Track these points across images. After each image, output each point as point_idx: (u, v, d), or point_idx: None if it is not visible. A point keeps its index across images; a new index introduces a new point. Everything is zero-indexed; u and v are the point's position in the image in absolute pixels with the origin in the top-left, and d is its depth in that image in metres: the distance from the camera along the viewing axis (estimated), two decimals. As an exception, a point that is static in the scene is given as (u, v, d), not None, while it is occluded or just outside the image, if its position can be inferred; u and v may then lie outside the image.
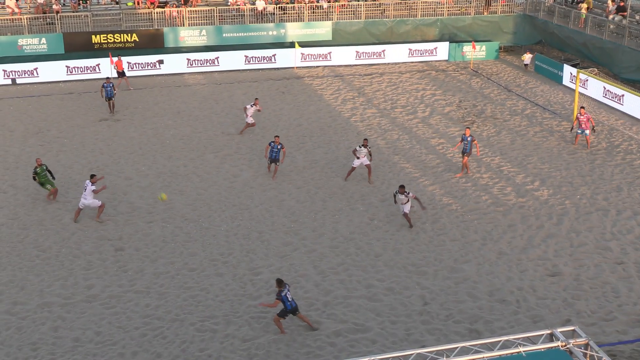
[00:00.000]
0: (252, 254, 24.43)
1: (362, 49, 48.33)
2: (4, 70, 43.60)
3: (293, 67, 46.87)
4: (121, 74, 42.44)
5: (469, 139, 29.71)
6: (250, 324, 20.59)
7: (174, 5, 48.10)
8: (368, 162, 29.39)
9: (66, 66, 44.42)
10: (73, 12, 47.24)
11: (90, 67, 44.29)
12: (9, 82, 43.66)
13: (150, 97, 41.27)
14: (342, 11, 49.55)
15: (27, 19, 45.69)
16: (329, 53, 47.69)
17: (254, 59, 46.72)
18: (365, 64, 47.92)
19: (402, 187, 25.32)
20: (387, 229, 25.95)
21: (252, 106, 34.44)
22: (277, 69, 46.68)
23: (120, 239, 25.46)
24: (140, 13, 47.70)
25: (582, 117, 32.64)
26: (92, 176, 26.63)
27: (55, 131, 35.96)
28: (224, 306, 21.46)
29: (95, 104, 39.65)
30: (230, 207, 27.71)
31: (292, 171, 30.78)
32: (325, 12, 49.56)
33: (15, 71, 43.77)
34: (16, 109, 39.44)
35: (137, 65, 45.26)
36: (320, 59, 47.57)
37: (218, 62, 46.36)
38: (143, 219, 26.86)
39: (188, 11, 47.28)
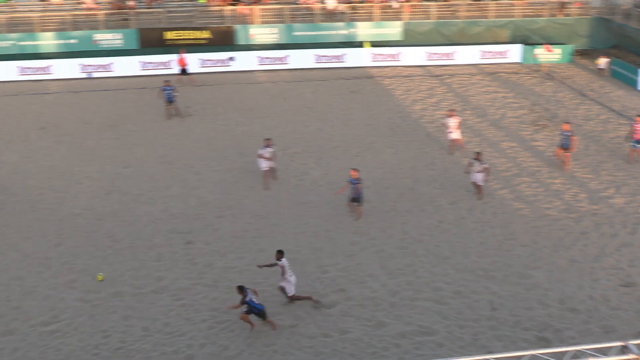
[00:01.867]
0: (319, 252, 24.51)
1: (432, 49, 48.02)
2: (81, 64, 44.67)
3: (364, 67, 46.83)
4: (183, 71, 42.94)
5: (567, 134, 29.91)
6: (317, 322, 20.66)
7: (246, 3, 48.58)
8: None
9: (140, 61, 45.28)
10: (147, 8, 48.18)
11: (163, 62, 45.02)
12: (86, 75, 44.73)
13: (222, 93, 41.76)
14: (412, 11, 49.31)
15: (103, 14, 46.76)
16: (399, 53, 47.50)
17: (324, 57, 46.85)
18: (436, 65, 47.61)
19: (478, 153, 25.34)
20: (456, 231, 25.74)
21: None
22: (347, 68, 46.69)
23: (190, 233, 25.85)
24: (213, 10, 48.34)
25: (637, 125, 31.06)
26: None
27: (130, 125, 36.70)
28: (291, 303, 21.55)
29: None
30: (299, 205, 27.85)
31: (361, 171, 30.71)
32: (395, 11, 49.40)
33: (91, 65, 44.82)
34: (92, 102, 40.39)
35: (208, 62, 45.84)
36: (390, 59, 47.41)
37: (288, 61, 46.62)
38: (213, 214, 27.21)
39: (259, 9, 47.69)
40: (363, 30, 48.22)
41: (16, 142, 34.43)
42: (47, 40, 45.71)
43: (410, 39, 48.73)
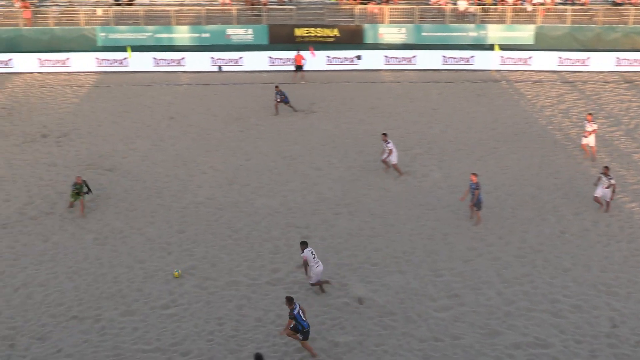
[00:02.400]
0: (434, 255, 24.23)
1: (565, 55, 46.44)
2: (212, 58, 45.94)
3: (491, 70, 45.95)
4: (299, 68, 43.28)
5: None
6: (429, 325, 20.44)
7: (376, 2, 48.60)
8: None
9: (269, 57, 46.10)
10: (279, 5, 49.01)
11: (291, 59, 45.68)
12: (216, 69, 45.96)
13: (346, 91, 41.94)
14: (546, 15, 47.95)
15: (236, 10, 47.92)
16: (530, 57, 46.25)
17: (451, 59, 46.23)
18: (568, 71, 46.02)
19: (606, 168, 24.50)
20: (579, 243, 24.84)
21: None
22: (475, 70, 45.91)
23: (307, 227, 26.10)
24: (343, 9, 48.63)
25: None
26: None
27: (255, 119, 37.44)
28: (403, 304, 21.43)
29: (292, 95, 40.79)
30: (417, 206, 27.62)
31: (483, 175, 30.18)
32: (529, 15, 48.18)
33: (221, 59, 46.01)
34: (220, 95, 41.47)
35: (335, 59, 46.14)
36: (520, 63, 46.26)
37: (415, 61, 46.30)
38: (331, 210, 27.38)
39: (389, 9, 47.60)
40: (493, 32, 47.27)
41: (147, 130, 35.77)
42: (182, 34, 47.27)
43: (542, 43, 47.38)
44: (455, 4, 48.41)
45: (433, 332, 20.19)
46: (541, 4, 48.33)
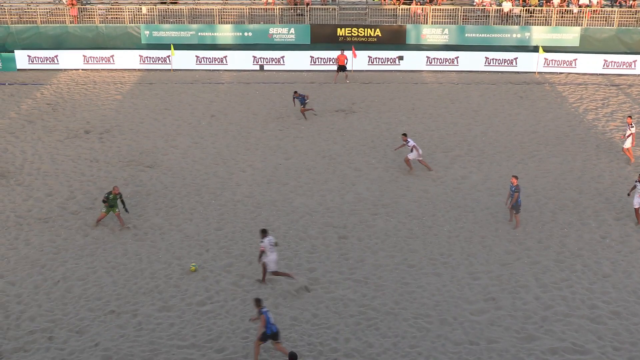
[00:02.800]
0: (472, 257, 24.05)
1: (611, 57, 45.72)
2: (254, 57, 46.15)
3: (535, 72, 45.43)
4: (342, 68, 43.15)
5: None
6: (464, 328, 20.30)
7: (420, 3, 48.38)
8: None
9: (310, 56, 46.16)
10: (322, 4, 49.07)
11: (333, 59, 45.66)
12: (258, 67, 46.17)
13: (387, 92, 41.83)
14: (592, 17, 47.27)
15: (279, 9, 48.10)
16: (575, 60, 45.62)
17: (494, 61, 45.81)
18: (613, 74, 45.31)
19: None
20: (620, 249, 24.45)
21: None
22: (518, 72, 45.45)
23: (344, 227, 26.10)
24: (386, 9, 48.50)
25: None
26: None
27: (294, 118, 37.51)
28: (439, 306, 21.32)
29: (333, 95, 40.88)
30: (455, 208, 27.44)
31: (523, 178, 29.88)
32: (574, 17, 47.55)
33: (263, 58, 46.19)
34: (261, 93, 41.65)
35: (377, 60, 46.03)
36: (565, 65, 45.66)
37: (457, 62, 45.98)
38: (368, 211, 27.33)
39: (432, 9, 47.35)
40: (538, 34, 46.75)
41: (188, 128, 36.07)
42: (225, 32, 47.56)
43: (587, 46, 46.72)
44: (499, 5, 47.98)
45: (468, 335, 20.04)
46: (587, 6, 47.66)
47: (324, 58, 45.96)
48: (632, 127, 30.95)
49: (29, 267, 23.51)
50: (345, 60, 43.16)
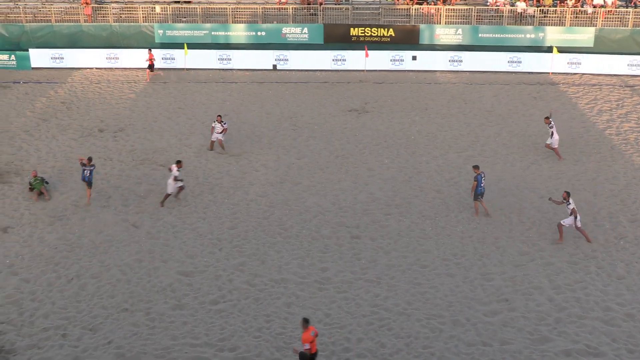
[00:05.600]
0: (485, 258, 23.99)
1: (626, 58, 45.47)
2: (267, 56, 46.15)
3: (548, 73, 45.26)
4: None
5: None
6: (477, 329, 20.25)
7: (433, 3, 48.28)
8: None
9: (324, 56, 46.10)
10: (335, 4, 49.03)
11: (345, 58, 45.59)
12: (271, 67, 46.20)
13: (400, 92, 41.77)
14: (607, 17, 47.03)
15: (292, 9, 48.10)
16: (589, 60, 45.40)
17: (508, 61, 45.66)
18: (628, 75, 45.07)
19: None
20: (635, 251, 24.32)
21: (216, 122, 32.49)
22: (532, 73, 45.28)
23: (357, 227, 26.08)
24: (399, 9, 48.42)
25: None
26: (178, 162, 27.84)
27: (307, 117, 37.53)
28: (452, 307, 21.27)
29: (346, 95, 40.83)
30: (468, 209, 27.36)
31: (536, 180, 29.80)
32: (589, 17, 47.32)
33: (277, 58, 46.19)
34: (274, 93, 41.67)
35: (390, 59, 45.95)
36: (579, 66, 45.46)
37: (471, 62, 45.85)
38: (381, 211, 27.31)
39: (446, 9, 47.25)
40: (552, 35, 46.55)
41: (201, 127, 36.10)
42: (238, 32, 47.60)
43: (601, 46, 46.48)
44: (513, 5, 47.81)
45: (481, 336, 19.99)
46: (602, 7, 47.42)
47: (338, 58, 45.91)
48: None
49: (43, 265, 23.64)
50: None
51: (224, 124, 32.42)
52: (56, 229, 26.02)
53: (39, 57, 46.51)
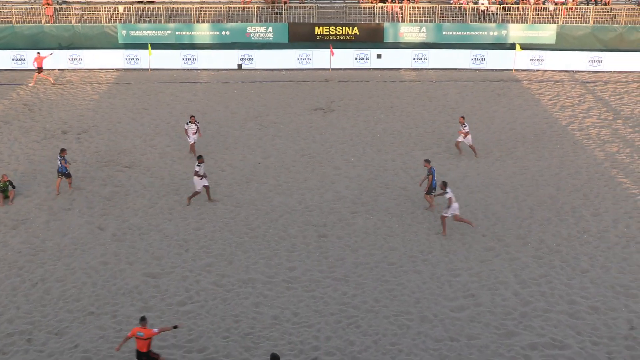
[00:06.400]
0: (452, 254, 24.15)
1: (586, 55, 46.11)
2: (232, 56, 46.04)
3: (512, 70, 45.72)
4: None
5: None
6: (445, 325, 20.37)
7: (397, 1, 48.48)
8: None
9: (288, 55, 46.12)
10: (299, 3, 49.03)
11: (310, 57, 45.63)
12: (236, 66, 46.08)
13: (366, 90, 41.91)
14: (568, 14, 47.63)
15: (257, 8, 48.00)
16: (551, 57, 45.94)
17: (472, 58, 46.05)
18: (590, 71, 45.73)
19: None
20: (598, 244, 24.66)
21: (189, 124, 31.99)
22: (495, 70, 45.71)
23: (324, 226, 26.10)
24: (363, 7, 48.57)
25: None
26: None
27: (273, 116, 37.50)
28: (419, 304, 21.38)
29: (311, 94, 40.86)
30: (435, 206, 27.52)
31: (501, 176, 30.07)
32: (550, 14, 47.88)
33: (241, 57, 46.09)
34: (240, 92, 41.56)
35: (355, 58, 46.08)
36: (541, 62, 45.98)
37: (435, 60, 46.15)
38: (348, 209, 27.36)
39: (410, 7, 47.47)
40: (515, 32, 47.02)
41: (166, 127, 35.89)
42: (203, 31, 47.40)
43: (563, 43, 47.09)
44: (476, 3, 48.21)
45: (449, 332, 20.12)
46: (563, 4, 48.01)
47: (303, 57, 45.94)
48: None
49: (6, 269, 23.30)
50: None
51: (198, 123, 32.15)
52: (20, 233, 25.69)
53: (0, 59, 45.87)
